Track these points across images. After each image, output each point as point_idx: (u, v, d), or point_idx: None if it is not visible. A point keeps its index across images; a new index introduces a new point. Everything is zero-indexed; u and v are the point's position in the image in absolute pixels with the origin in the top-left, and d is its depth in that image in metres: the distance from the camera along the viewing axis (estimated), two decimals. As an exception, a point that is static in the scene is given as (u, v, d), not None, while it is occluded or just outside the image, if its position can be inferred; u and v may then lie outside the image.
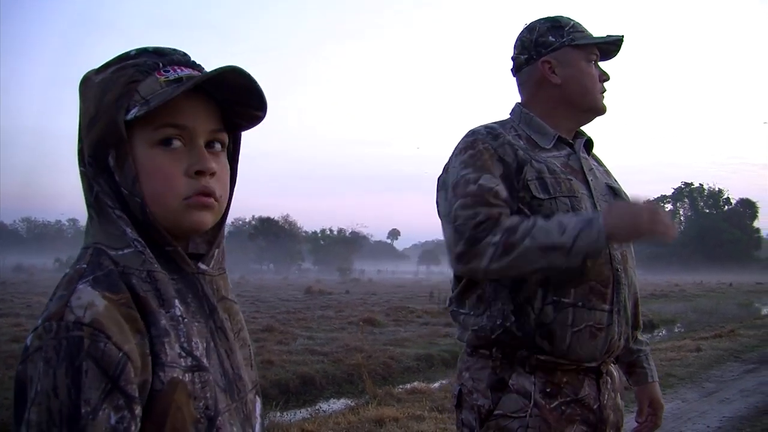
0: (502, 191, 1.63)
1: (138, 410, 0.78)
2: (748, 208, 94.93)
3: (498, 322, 1.65)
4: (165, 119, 0.88)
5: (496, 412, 1.64)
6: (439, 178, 1.78)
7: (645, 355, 1.93)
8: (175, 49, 0.95)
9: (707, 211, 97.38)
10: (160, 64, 0.91)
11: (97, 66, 0.95)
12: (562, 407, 1.64)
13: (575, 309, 1.62)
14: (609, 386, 1.74)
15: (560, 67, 1.78)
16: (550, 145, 1.77)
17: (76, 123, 0.93)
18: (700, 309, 22.18)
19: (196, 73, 0.93)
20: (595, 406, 1.69)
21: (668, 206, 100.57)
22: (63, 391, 0.73)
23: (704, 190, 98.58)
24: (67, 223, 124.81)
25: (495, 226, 1.56)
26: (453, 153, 1.75)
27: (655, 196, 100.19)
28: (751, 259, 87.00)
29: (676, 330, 16.66)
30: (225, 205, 0.95)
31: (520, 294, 1.64)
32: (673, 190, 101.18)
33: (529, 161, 1.68)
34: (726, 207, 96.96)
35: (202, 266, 0.95)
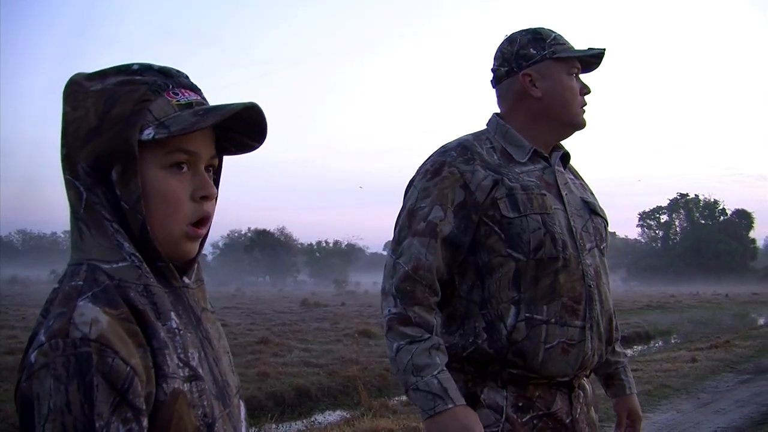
0: (445, 227, 1.65)
1: (145, 422, 0.80)
2: (743, 218, 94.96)
3: (470, 340, 1.65)
4: (178, 144, 0.90)
5: None
6: (408, 185, 1.77)
7: (623, 367, 1.91)
8: (179, 71, 0.95)
9: (703, 222, 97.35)
10: (170, 86, 0.91)
11: (81, 71, 0.93)
12: (534, 421, 1.63)
13: (548, 325, 1.62)
14: (581, 400, 1.72)
15: (541, 80, 1.76)
16: (525, 159, 1.75)
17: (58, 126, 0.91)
18: (695, 320, 22.21)
19: (200, 98, 0.94)
20: (567, 420, 1.67)
21: (664, 217, 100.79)
22: (76, 407, 0.75)
23: (700, 201, 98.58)
24: (62, 235, 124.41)
25: (411, 319, 1.59)
26: (421, 169, 1.75)
27: (651, 207, 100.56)
28: (747, 270, 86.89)
29: (672, 341, 16.67)
30: (210, 226, 0.98)
31: (491, 311, 1.64)
32: (668, 201, 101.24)
33: (501, 179, 1.67)
34: (722, 218, 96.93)
35: (186, 280, 0.98)
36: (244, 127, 0.97)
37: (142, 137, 0.87)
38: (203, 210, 0.93)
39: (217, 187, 1.01)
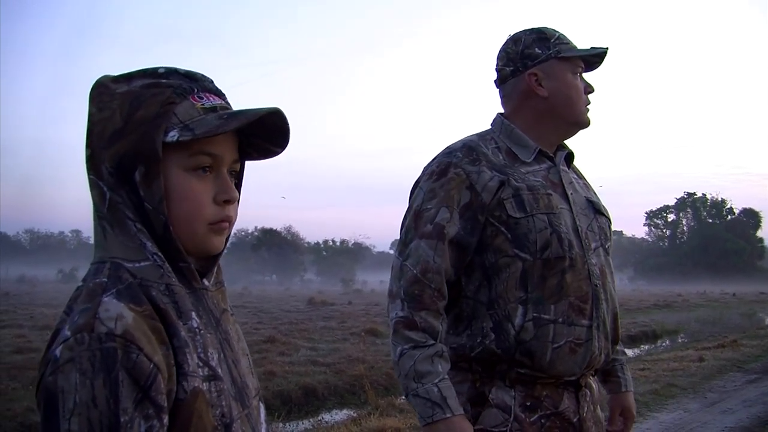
0: (452, 229, 1.65)
1: (166, 419, 0.81)
2: (751, 218, 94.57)
3: (478, 340, 1.66)
4: (202, 147, 0.91)
5: (476, 426, 1.63)
6: (414, 185, 1.78)
7: (621, 364, 1.93)
8: (203, 75, 0.97)
9: (710, 221, 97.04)
10: (195, 89, 0.93)
11: (108, 73, 0.94)
12: (542, 420, 1.64)
13: (555, 325, 1.63)
14: (588, 399, 1.73)
15: (547, 80, 1.76)
16: (530, 159, 1.76)
17: (82, 129, 0.93)
18: (703, 319, 22.10)
19: (224, 102, 0.96)
20: (575, 419, 1.68)
21: (671, 216, 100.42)
22: (102, 402, 0.76)
23: (707, 200, 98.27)
24: (70, 234, 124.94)
25: (417, 324, 1.60)
26: (426, 170, 1.75)
27: (658, 206, 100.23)
28: (755, 269, 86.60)
29: (679, 340, 16.61)
30: (232, 229, 1.00)
31: (499, 311, 1.65)
32: (676, 200, 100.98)
33: (507, 180, 1.68)
34: (729, 217, 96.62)
35: (206, 282, 0.99)
36: (266, 133, 0.99)
37: (167, 139, 0.89)
38: (224, 213, 0.95)
39: (239, 192, 1.03)
